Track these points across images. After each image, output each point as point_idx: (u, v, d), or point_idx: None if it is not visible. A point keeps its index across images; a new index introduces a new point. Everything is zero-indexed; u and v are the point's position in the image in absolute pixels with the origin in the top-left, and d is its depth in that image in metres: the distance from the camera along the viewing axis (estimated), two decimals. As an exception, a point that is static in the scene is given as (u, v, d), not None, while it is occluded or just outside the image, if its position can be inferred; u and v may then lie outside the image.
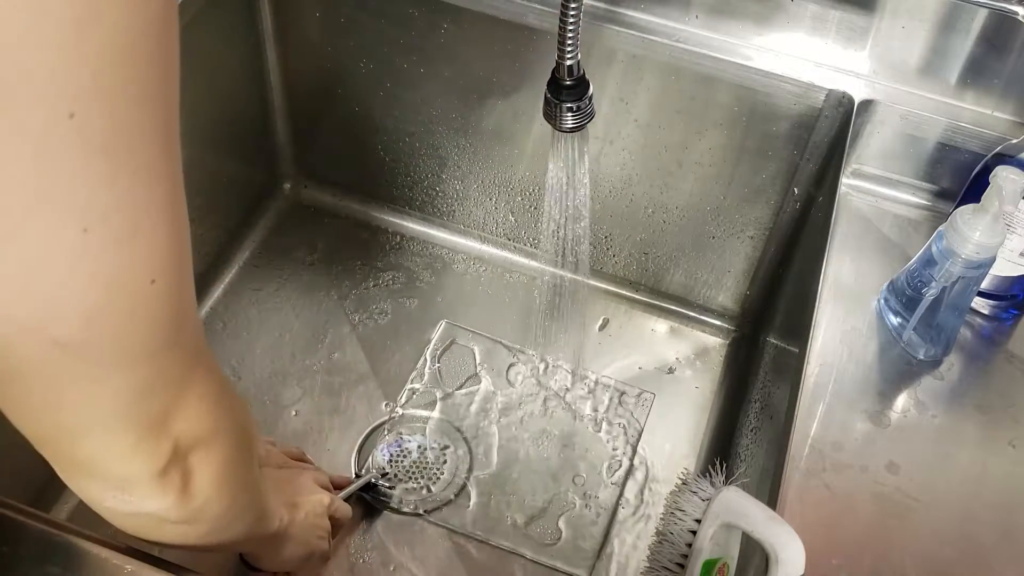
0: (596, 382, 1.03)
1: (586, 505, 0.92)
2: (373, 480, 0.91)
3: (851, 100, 0.84)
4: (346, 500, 0.84)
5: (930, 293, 0.69)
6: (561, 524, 0.91)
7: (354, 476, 0.92)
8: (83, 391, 0.33)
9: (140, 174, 0.29)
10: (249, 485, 0.50)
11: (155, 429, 0.37)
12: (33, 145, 0.26)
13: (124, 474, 0.38)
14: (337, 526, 0.77)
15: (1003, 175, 0.64)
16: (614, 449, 0.97)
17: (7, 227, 0.27)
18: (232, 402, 0.43)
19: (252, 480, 0.50)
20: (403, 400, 0.99)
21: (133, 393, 0.35)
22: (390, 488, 0.92)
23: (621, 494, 0.93)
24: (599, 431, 0.98)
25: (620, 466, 0.96)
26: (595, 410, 1.00)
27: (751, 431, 0.91)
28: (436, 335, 1.05)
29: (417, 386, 1.00)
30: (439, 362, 1.03)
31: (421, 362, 1.02)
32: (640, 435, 0.98)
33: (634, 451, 0.97)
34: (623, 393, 1.02)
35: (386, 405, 0.99)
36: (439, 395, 1.00)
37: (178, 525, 0.44)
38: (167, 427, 0.37)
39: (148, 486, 0.39)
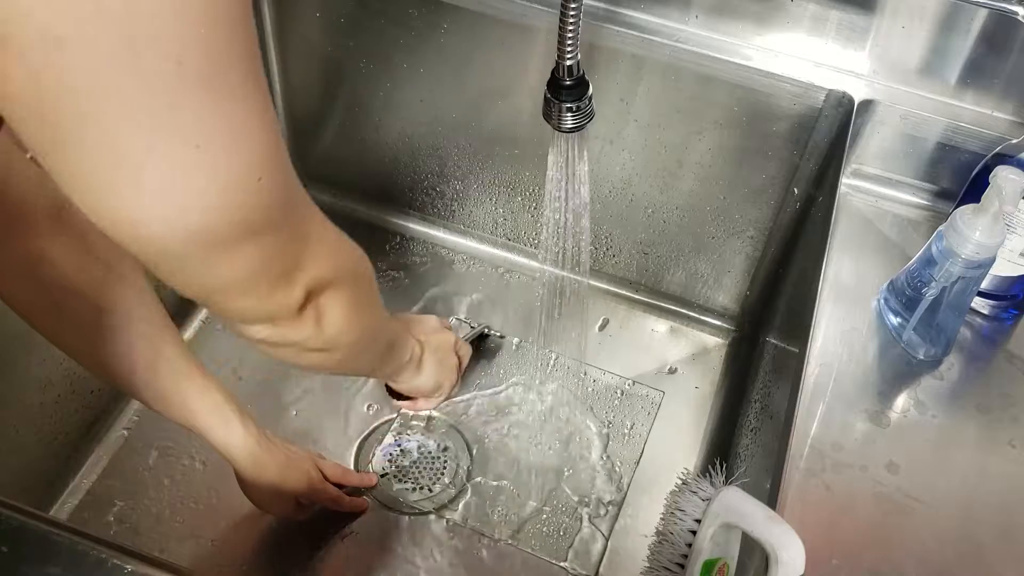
0: (596, 380, 1.03)
1: (587, 504, 0.92)
2: (487, 331, 1.02)
3: (851, 100, 0.84)
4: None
5: (930, 293, 0.69)
6: (562, 523, 0.91)
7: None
8: (222, 262, 0.42)
9: (236, 99, 0.37)
10: (374, 317, 0.61)
11: (286, 280, 0.48)
12: (152, 86, 0.34)
13: (269, 313, 0.49)
14: (462, 362, 0.89)
15: (1003, 175, 0.64)
16: (615, 448, 0.97)
17: (142, 148, 0.35)
18: (347, 254, 0.54)
19: (376, 314, 0.62)
20: (386, 387, 0.99)
21: (261, 258, 0.44)
22: (501, 338, 1.04)
23: (621, 493, 0.93)
24: (601, 430, 0.98)
25: (621, 465, 0.96)
26: (597, 409, 1.00)
27: (751, 431, 0.91)
28: (436, 335, 1.05)
29: (417, 386, 1.00)
30: (439, 362, 1.03)
31: (421, 362, 1.02)
32: (648, 433, 0.98)
33: (637, 450, 0.97)
34: (627, 391, 1.02)
35: (386, 405, 0.99)
36: (439, 395, 1.00)
37: (319, 353, 0.55)
38: (295, 278, 0.48)
39: (290, 321, 0.50)
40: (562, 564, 0.88)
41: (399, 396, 0.82)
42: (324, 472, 0.86)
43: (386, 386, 0.82)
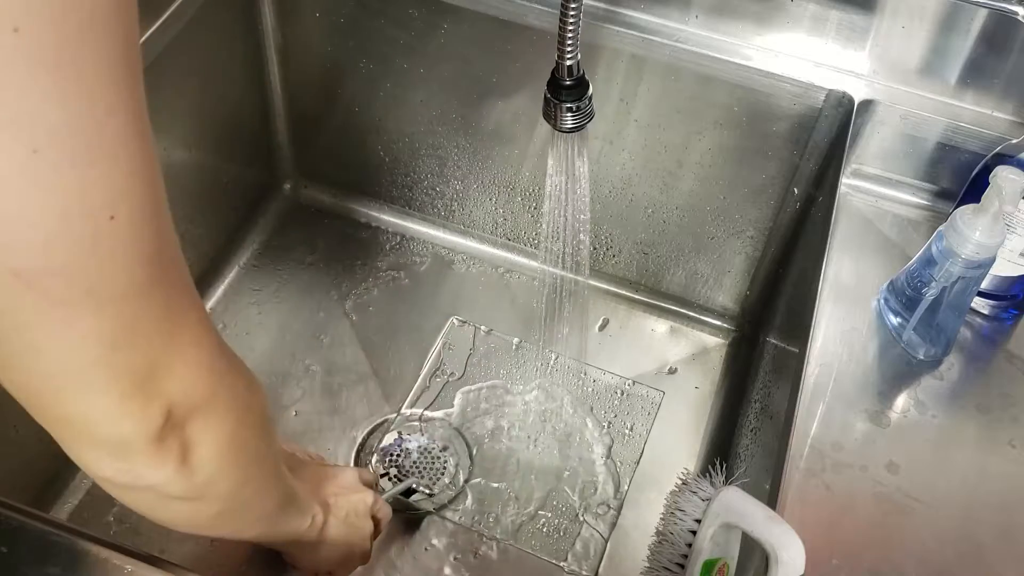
0: (596, 380, 1.03)
1: (587, 504, 0.92)
2: (414, 486, 0.91)
3: (851, 100, 0.84)
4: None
5: (930, 293, 0.69)
6: (562, 523, 0.91)
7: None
8: (54, 333, 0.32)
9: (93, 99, 0.29)
10: (263, 463, 0.47)
11: (141, 386, 0.35)
12: None
13: (115, 436, 0.36)
14: (379, 527, 0.75)
15: (1003, 175, 0.64)
16: (615, 448, 0.97)
17: None
18: (232, 366, 0.41)
19: (267, 462, 0.47)
20: (402, 400, 0.99)
21: (107, 340, 0.33)
22: (429, 495, 0.91)
23: (621, 493, 0.93)
24: (601, 430, 0.98)
25: (621, 465, 0.96)
26: (596, 409, 1.00)
27: (751, 431, 0.91)
28: (438, 334, 1.05)
29: (416, 386, 1.00)
30: (439, 362, 1.03)
31: (421, 362, 1.02)
32: (648, 433, 0.98)
33: (638, 450, 0.97)
34: (627, 391, 1.02)
35: (386, 405, 0.99)
36: (439, 395, 1.00)
37: (185, 502, 0.42)
38: (155, 386, 0.36)
39: (144, 453, 0.37)
40: (562, 564, 0.88)
41: (293, 566, 0.70)
42: (381, 513, 0.75)
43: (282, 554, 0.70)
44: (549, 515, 0.91)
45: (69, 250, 0.30)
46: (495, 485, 0.93)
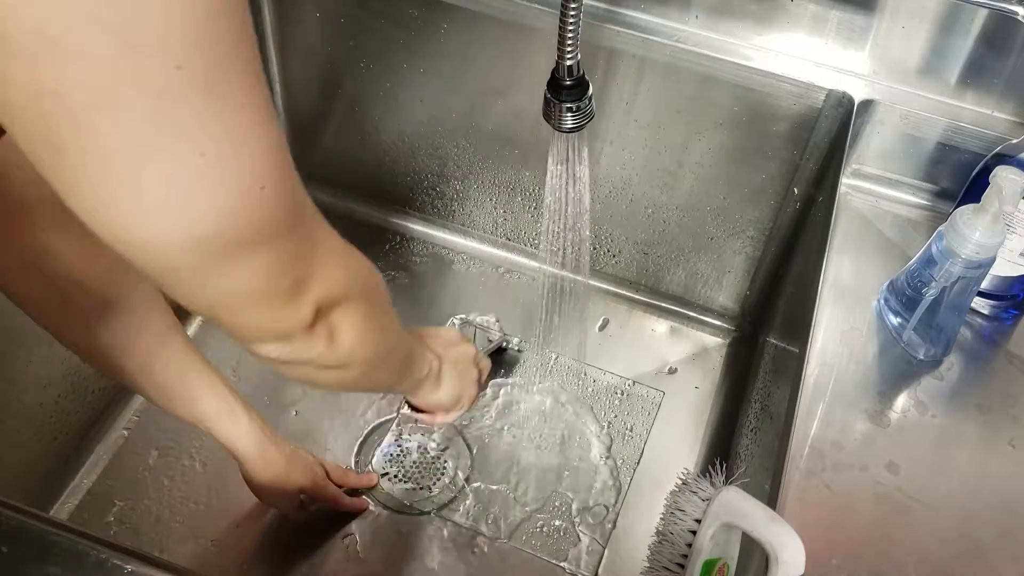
0: (596, 380, 1.03)
1: (587, 504, 0.92)
2: (505, 344, 1.02)
3: (851, 100, 0.84)
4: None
5: (930, 293, 0.69)
6: (562, 523, 0.91)
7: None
8: (227, 273, 0.42)
9: (238, 106, 0.37)
10: (389, 332, 0.60)
11: (294, 296, 0.46)
12: (151, 92, 0.33)
13: (278, 331, 0.48)
14: (481, 375, 0.86)
15: (1003, 175, 0.64)
16: (615, 448, 0.97)
17: (141, 157, 0.35)
18: (357, 267, 0.53)
19: (391, 329, 0.60)
20: (402, 400, 0.99)
21: (266, 272, 0.44)
22: (519, 351, 1.04)
23: (622, 493, 0.93)
24: (601, 430, 0.98)
25: (621, 466, 0.96)
26: (596, 409, 1.00)
27: (751, 431, 0.91)
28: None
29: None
30: (439, 362, 1.03)
31: (421, 362, 1.02)
32: (648, 433, 0.98)
33: (638, 450, 0.97)
34: (627, 391, 1.02)
35: (386, 405, 0.99)
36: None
37: (334, 370, 0.54)
38: (304, 292, 0.47)
39: (301, 339, 0.49)
40: (562, 564, 0.88)
41: (419, 410, 0.82)
42: (326, 471, 0.87)
43: (405, 400, 0.82)
44: (548, 515, 0.91)
45: (235, 218, 0.39)
46: (495, 485, 0.93)
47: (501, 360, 1.03)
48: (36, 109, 0.33)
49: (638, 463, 0.96)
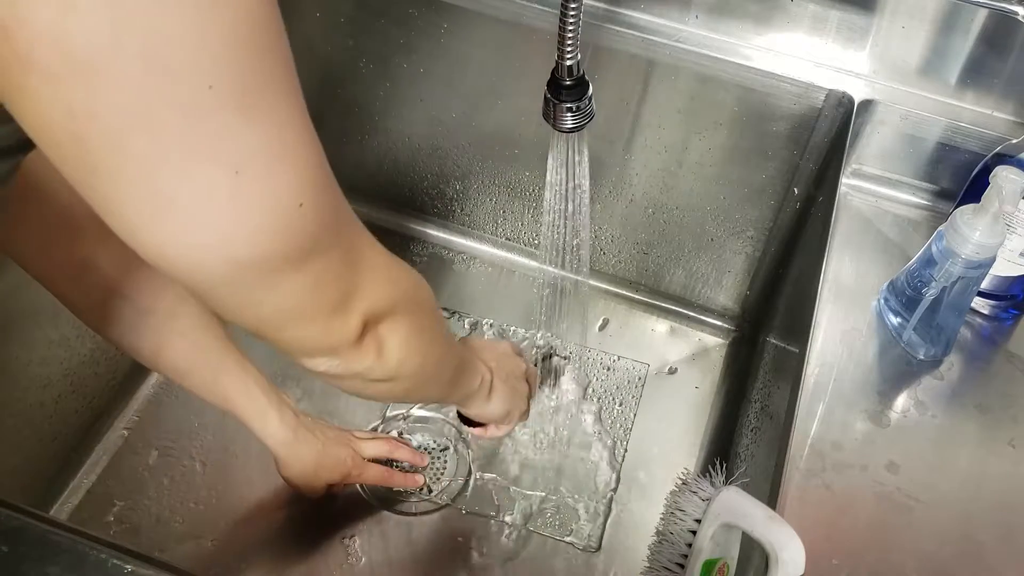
0: (596, 379, 1.03)
1: (587, 503, 0.92)
2: (552, 353, 1.01)
3: (851, 100, 0.84)
4: None
5: (930, 293, 0.69)
6: (562, 522, 0.91)
7: None
8: (271, 290, 0.41)
9: (273, 122, 0.36)
10: (438, 344, 0.60)
11: (340, 310, 0.46)
12: (183, 112, 0.33)
13: (327, 346, 0.48)
14: (532, 389, 0.86)
15: (1003, 175, 0.64)
16: (615, 448, 0.97)
17: (176, 176, 0.35)
18: (403, 280, 0.53)
19: (440, 341, 0.60)
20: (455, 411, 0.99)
21: (310, 287, 0.43)
22: (565, 360, 1.02)
23: (621, 494, 0.93)
24: (600, 428, 0.98)
25: (621, 466, 0.95)
26: (597, 407, 1.00)
27: (751, 431, 0.91)
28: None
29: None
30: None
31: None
32: (648, 433, 0.98)
33: (637, 450, 0.97)
34: (613, 366, 1.02)
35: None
36: (439, 395, 1.00)
37: (384, 383, 0.54)
38: (350, 307, 0.47)
39: (349, 353, 0.49)
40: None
41: (470, 422, 0.82)
42: (365, 452, 0.89)
43: (457, 412, 0.82)
44: (548, 515, 0.91)
45: (272, 235, 0.38)
46: (494, 485, 0.93)
47: (547, 369, 1.01)
48: (70, 132, 0.33)
49: (638, 463, 0.96)
